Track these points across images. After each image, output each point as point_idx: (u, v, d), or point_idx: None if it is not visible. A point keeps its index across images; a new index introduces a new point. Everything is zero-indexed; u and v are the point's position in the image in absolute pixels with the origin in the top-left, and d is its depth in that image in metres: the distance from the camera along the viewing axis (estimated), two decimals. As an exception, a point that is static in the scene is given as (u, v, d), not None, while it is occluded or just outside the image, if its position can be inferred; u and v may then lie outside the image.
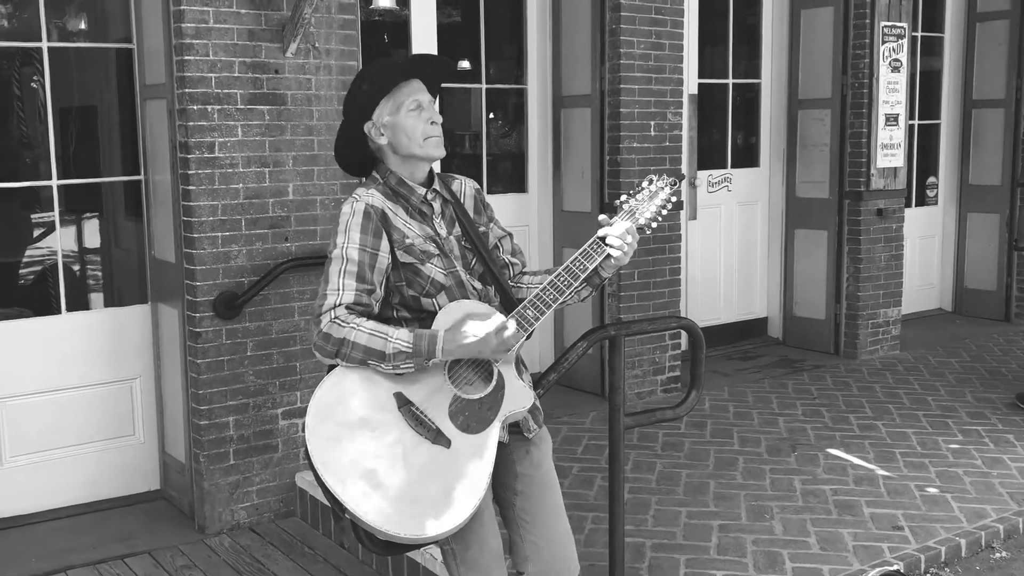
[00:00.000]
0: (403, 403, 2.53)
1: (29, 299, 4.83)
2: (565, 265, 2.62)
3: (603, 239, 2.63)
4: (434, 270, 2.64)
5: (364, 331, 2.48)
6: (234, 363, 4.48)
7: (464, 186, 2.86)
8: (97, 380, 4.76)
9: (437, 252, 2.67)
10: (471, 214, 2.81)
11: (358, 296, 2.54)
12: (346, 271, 2.56)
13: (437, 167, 2.93)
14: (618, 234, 2.62)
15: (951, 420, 5.75)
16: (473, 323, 2.52)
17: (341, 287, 2.54)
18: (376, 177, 2.74)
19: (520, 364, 2.76)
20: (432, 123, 2.67)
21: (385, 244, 2.61)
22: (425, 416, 2.52)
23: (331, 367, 2.59)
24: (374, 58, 5.74)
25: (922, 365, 7.00)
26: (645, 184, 2.69)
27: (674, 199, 2.70)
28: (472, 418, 2.55)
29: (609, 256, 2.63)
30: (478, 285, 2.73)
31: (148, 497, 4.88)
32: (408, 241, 2.64)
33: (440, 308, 2.63)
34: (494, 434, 2.56)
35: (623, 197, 2.69)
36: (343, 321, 2.50)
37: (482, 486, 2.51)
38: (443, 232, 2.72)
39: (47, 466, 4.67)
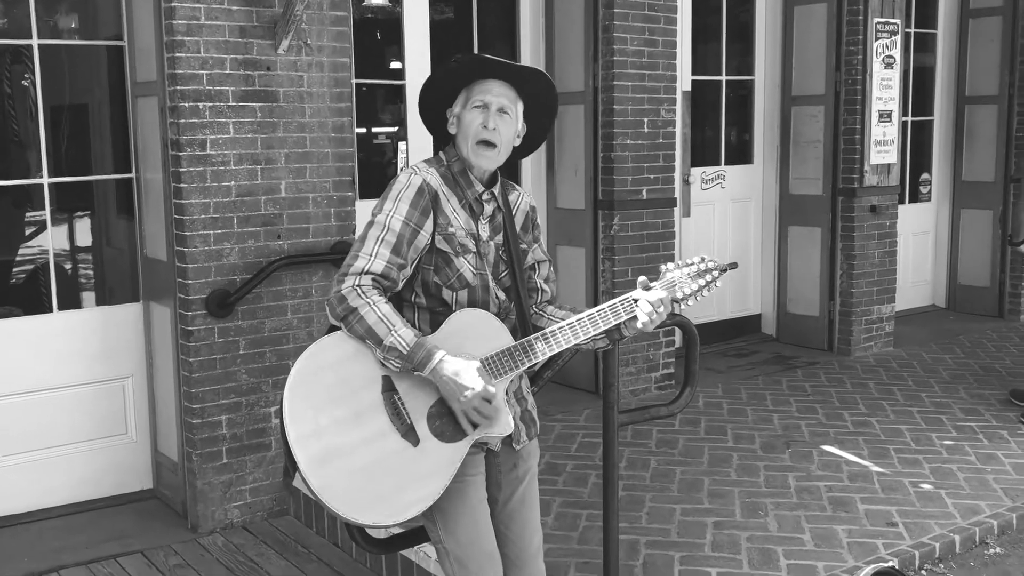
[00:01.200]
0: (388, 388, 2.51)
1: (20, 298, 4.81)
2: (590, 312, 2.60)
3: (636, 300, 2.60)
4: (465, 265, 2.61)
5: (375, 313, 2.46)
6: (227, 361, 4.47)
7: (521, 200, 2.82)
8: (89, 379, 4.74)
9: (474, 250, 2.64)
10: (518, 229, 2.77)
11: (387, 269, 2.51)
12: (384, 240, 2.53)
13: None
14: (651, 300, 2.59)
15: (945, 416, 5.75)
16: (471, 372, 2.47)
17: (375, 253, 2.51)
18: (441, 158, 2.70)
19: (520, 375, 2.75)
20: (485, 127, 2.60)
21: (429, 224, 2.57)
22: (404, 408, 2.51)
23: (335, 326, 2.57)
24: (367, 55, 5.74)
25: (916, 362, 7.00)
26: (695, 260, 2.65)
27: (719, 284, 2.65)
28: (447, 426, 2.53)
29: (635, 319, 2.60)
30: (502, 296, 2.70)
31: (141, 496, 4.86)
32: (451, 229, 2.60)
33: (458, 304, 2.61)
34: (463, 449, 2.53)
35: (669, 265, 2.65)
36: (363, 292, 2.47)
37: (434, 495, 2.49)
38: (484, 235, 2.68)
39: (39, 465, 4.65)
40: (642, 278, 2.64)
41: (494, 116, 2.62)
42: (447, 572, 2.69)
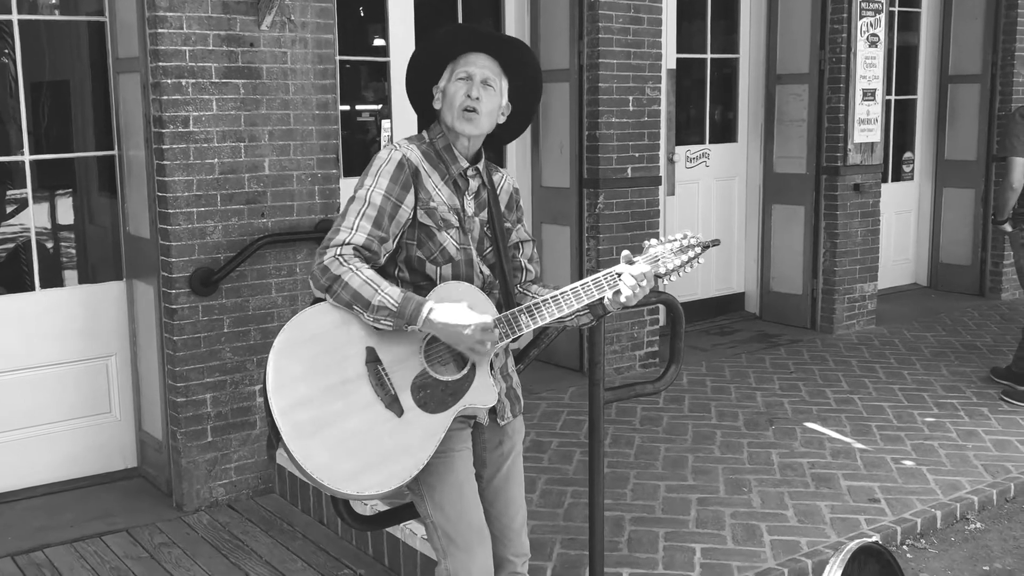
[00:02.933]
0: (372, 359, 2.52)
1: (2, 276, 4.77)
2: (573, 286, 2.59)
3: (619, 275, 2.58)
4: (448, 240, 2.63)
5: (359, 276, 2.47)
6: (211, 340, 4.45)
7: (504, 181, 2.84)
8: (72, 357, 4.71)
9: (456, 225, 2.65)
10: (502, 208, 2.79)
11: (369, 241, 2.53)
12: (365, 213, 2.54)
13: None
14: (634, 274, 2.56)
15: (927, 394, 5.79)
16: (463, 310, 2.50)
17: (355, 227, 2.53)
18: (423, 136, 2.72)
19: (504, 349, 2.75)
20: (468, 96, 2.62)
21: (411, 198, 2.59)
22: (388, 379, 2.52)
23: (318, 299, 2.57)
24: (350, 32, 5.70)
25: (898, 339, 7.05)
26: (678, 236, 2.63)
27: (702, 260, 2.63)
28: (432, 397, 2.54)
29: (618, 293, 2.58)
30: (486, 271, 2.71)
31: (125, 475, 4.85)
32: (432, 204, 2.62)
33: (442, 279, 2.62)
34: (447, 420, 2.55)
35: (652, 241, 2.62)
36: (345, 260, 2.49)
37: (418, 464, 2.51)
38: (469, 211, 2.70)
39: (23, 444, 4.63)
40: (625, 252, 2.62)
41: (478, 86, 2.64)
42: (436, 547, 2.71)
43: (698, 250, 2.62)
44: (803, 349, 6.81)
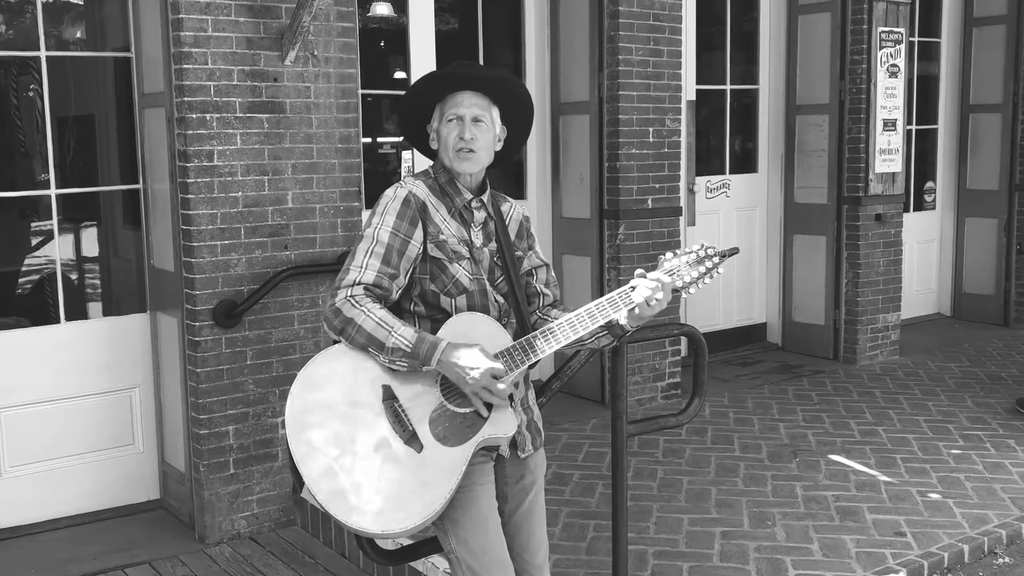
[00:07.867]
0: (388, 396, 2.53)
1: (28, 308, 4.82)
2: (587, 307, 2.58)
3: (633, 288, 2.57)
4: (460, 271, 2.64)
5: (372, 318, 2.49)
6: (234, 372, 4.47)
7: (513, 210, 2.85)
8: (96, 390, 4.74)
9: (468, 256, 2.67)
10: (512, 238, 2.80)
11: (379, 278, 2.55)
12: (373, 251, 2.57)
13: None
14: (650, 287, 2.56)
15: (952, 425, 5.74)
16: (476, 354, 2.50)
17: (365, 265, 2.55)
18: (428, 171, 2.76)
19: (524, 380, 2.75)
20: (461, 138, 2.65)
21: (419, 233, 2.61)
22: (405, 415, 2.52)
23: (336, 340, 2.59)
24: (372, 66, 5.75)
25: (922, 370, 6.99)
26: (695, 248, 2.62)
27: (721, 271, 2.60)
28: (451, 430, 2.53)
29: (634, 309, 2.56)
30: (500, 299, 2.72)
31: (148, 507, 4.86)
32: (442, 237, 2.64)
33: (457, 310, 2.62)
34: (467, 452, 2.53)
35: (667, 255, 2.62)
36: (357, 302, 2.51)
37: (441, 500, 2.49)
38: (478, 242, 2.71)
39: (47, 476, 4.65)
40: (639, 271, 2.62)
41: (469, 126, 2.67)
42: (458, 582, 2.69)
43: (716, 260, 2.60)
44: (826, 380, 6.77)
